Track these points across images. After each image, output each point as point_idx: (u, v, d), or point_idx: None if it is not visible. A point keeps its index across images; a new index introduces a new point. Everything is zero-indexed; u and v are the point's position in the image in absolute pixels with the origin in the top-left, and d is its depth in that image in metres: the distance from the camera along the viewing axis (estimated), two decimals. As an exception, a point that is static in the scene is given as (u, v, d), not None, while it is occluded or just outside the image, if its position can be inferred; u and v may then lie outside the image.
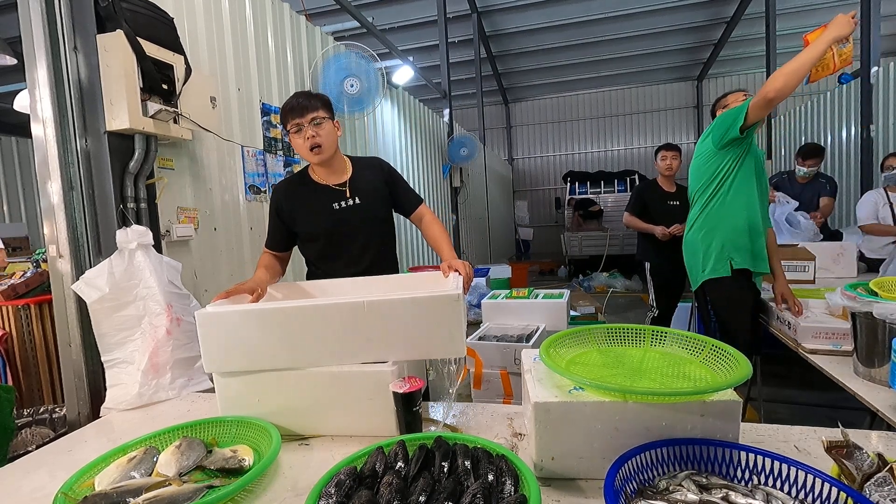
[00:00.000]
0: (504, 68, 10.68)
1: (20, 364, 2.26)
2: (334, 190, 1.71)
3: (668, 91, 11.67)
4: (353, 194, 1.72)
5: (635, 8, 8.21)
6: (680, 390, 0.91)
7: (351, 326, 1.16)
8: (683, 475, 0.82)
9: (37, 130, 1.62)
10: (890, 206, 3.44)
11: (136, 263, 1.64)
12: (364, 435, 1.17)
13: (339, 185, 1.72)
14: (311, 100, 1.62)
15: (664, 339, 1.16)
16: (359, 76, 3.35)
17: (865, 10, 4.82)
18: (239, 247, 2.45)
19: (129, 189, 1.74)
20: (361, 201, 1.72)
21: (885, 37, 7.68)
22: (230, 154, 2.43)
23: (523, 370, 1.10)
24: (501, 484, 0.83)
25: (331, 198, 1.71)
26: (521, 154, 12.84)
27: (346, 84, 3.31)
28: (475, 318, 4.16)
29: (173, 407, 1.53)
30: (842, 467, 0.77)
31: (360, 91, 3.38)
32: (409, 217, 1.84)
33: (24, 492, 1.05)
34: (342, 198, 1.71)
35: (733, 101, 2.14)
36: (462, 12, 7.90)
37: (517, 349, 2.27)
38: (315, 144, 1.60)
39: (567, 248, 9.08)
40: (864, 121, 4.96)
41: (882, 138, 5.13)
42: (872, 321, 1.37)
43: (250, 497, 0.95)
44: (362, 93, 3.40)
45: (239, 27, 2.54)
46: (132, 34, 1.65)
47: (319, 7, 6.57)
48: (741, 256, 2.08)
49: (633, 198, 3.72)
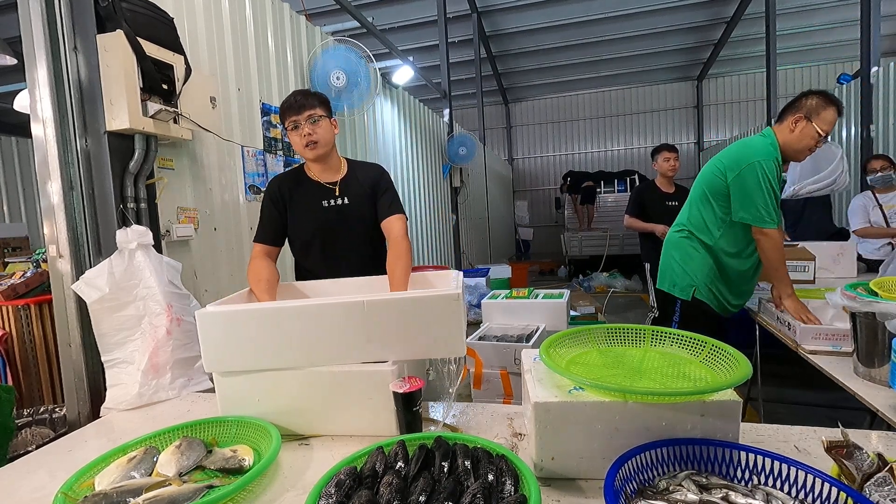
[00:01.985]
0: (504, 68, 10.68)
1: (20, 364, 2.26)
2: (325, 188, 1.72)
3: (668, 91, 11.67)
4: (343, 194, 1.72)
5: (635, 8, 8.22)
6: (680, 390, 0.91)
7: (351, 326, 1.16)
8: (683, 475, 0.82)
9: (37, 130, 1.62)
10: (880, 208, 3.46)
11: (136, 263, 1.64)
12: (364, 435, 1.17)
13: (330, 183, 1.72)
14: (308, 98, 1.63)
15: (664, 339, 1.16)
16: (344, 69, 3.31)
17: (865, 10, 4.82)
18: (239, 247, 2.45)
19: (129, 189, 1.74)
20: (350, 202, 1.71)
21: (885, 37, 7.68)
22: (230, 154, 2.43)
23: (523, 370, 1.10)
24: (501, 484, 0.83)
25: (321, 195, 1.71)
26: (521, 154, 12.84)
27: (332, 77, 3.29)
28: (475, 318, 4.17)
29: (173, 407, 1.53)
30: (842, 467, 0.77)
31: (347, 83, 3.34)
32: (381, 224, 1.72)
33: (24, 492, 1.05)
34: (332, 196, 1.71)
35: (824, 122, 1.84)
36: (462, 12, 7.90)
37: (517, 349, 2.27)
38: (311, 141, 1.62)
39: (567, 248, 9.07)
40: (864, 121, 4.97)
41: (882, 138, 5.13)
42: (872, 321, 1.37)
43: (250, 497, 0.95)
44: (350, 85, 3.36)
45: (239, 27, 2.54)
46: (132, 34, 1.65)
47: (319, 7, 6.57)
48: (707, 296, 2.05)
49: (633, 200, 3.72)
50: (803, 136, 1.86)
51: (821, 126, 1.83)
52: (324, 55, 3.30)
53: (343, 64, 3.32)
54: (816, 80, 10.07)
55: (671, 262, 2.18)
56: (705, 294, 2.06)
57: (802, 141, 1.87)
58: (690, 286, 2.07)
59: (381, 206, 1.73)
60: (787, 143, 1.89)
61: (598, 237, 8.83)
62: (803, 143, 1.87)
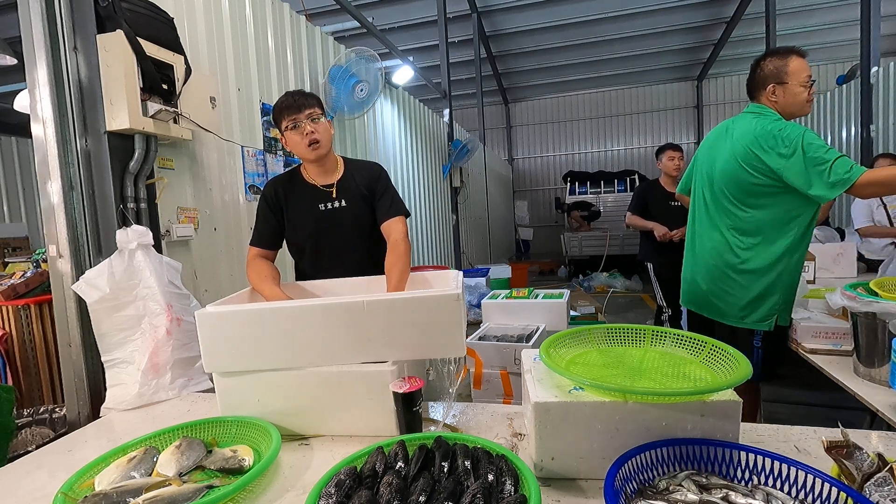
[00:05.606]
0: (504, 68, 10.68)
1: (20, 364, 2.26)
2: (321, 190, 1.69)
3: (668, 91, 11.68)
4: (340, 196, 1.69)
5: (635, 8, 8.22)
6: (680, 390, 0.91)
7: (351, 326, 1.16)
8: (683, 475, 0.82)
9: (37, 130, 1.62)
10: (884, 207, 3.45)
11: (136, 263, 1.64)
12: (364, 435, 1.17)
13: (326, 185, 1.70)
14: (306, 97, 1.62)
15: (664, 339, 1.16)
16: (368, 80, 3.41)
17: (865, 10, 4.82)
18: (239, 247, 2.45)
19: (129, 189, 1.74)
20: (346, 204, 1.69)
21: (885, 37, 7.68)
22: (230, 154, 2.43)
23: (523, 370, 1.10)
24: (501, 484, 0.83)
25: (317, 198, 1.69)
26: (521, 154, 12.84)
27: (357, 89, 3.36)
28: (475, 318, 4.17)
29: (173, 407, 1.53)
30: (842, 467, 0.77)
31: (368, 92, 3.42)
32: (381, 227, 1.69)
33: (24, 492, 1.05)
34: (328, 199, 1.69)
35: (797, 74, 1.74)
36: (462, 12, 7.90)
37: (517, 349, 2.27)
38: (313, 140, 1.59)
39: (567, 248, 9.08)
40: (864, 121, 4.97)
41: (882, 138, 5.13)
42: (872, 321, 1.37)
43: (250, 497, 0.95)
44: (370, 93, 3.44)
45: (239, 27, 2.54)
46: (132, 34, 1.65)
47: (319, 7, 6.58)
48: (786, 315, 1.81)
49: (635, 198, 3.72)
50: (789, 97, 1.77)
51: (797, 79, 1.75)
52: (347, 67, 3.34)
53: (364, 75, 3.41)
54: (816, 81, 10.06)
55: (737, 289, 1.85)
56: (786, 315, 1.82)
57: (793, 101, 1.77)
58: (775, 315, 1.80)
59: (380, 209, 1.70)
60: (782, 110, 1.80)
61: (598, 237, 8.84)
62: (796, 101, 1.77)
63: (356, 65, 3.36)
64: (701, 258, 1.99)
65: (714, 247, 1.91)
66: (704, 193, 1.98)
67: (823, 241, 3.22)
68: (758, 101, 1.86)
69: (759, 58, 1.86)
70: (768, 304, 1.79)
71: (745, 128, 1.80)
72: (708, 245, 1.95)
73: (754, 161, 1.73)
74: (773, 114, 1.79)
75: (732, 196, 1.82)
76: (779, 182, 1.70)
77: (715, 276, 1.91)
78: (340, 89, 3.32)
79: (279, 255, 1.79)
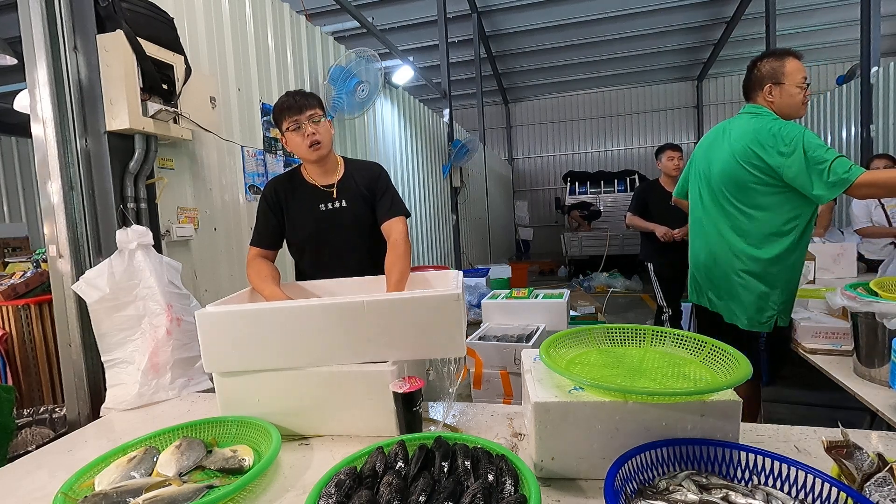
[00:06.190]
0: (504, 68, 10.68)
1: (20, 364, 2.26)
2: (322, 191, 1.69)
3: (668, 91, 11.68)
4: (340, 196, 1.69)
5: (635, 8, 8.22)
6: (680, 390, 0.91)
7: (351, 326, 1.16)
8: (683, 475, 0.82)
9: (37, 130, 1.62)
10: (882, 208, 3.45)
11: (136, 263, 1.64)
12: (364, 435, 1.17)
13: (326, 186, 1.69)
14: (307, 98, 1.61)
15: (664, 339, 1.16)
16: (368, 81, 3.42)
17: (865, 10, 4.82)
18: (239, 247, 2.45)
19: (129, 189, 1.74)
20: (347, 204, 1.68)
21: (885, 37, 7.68)
22: (230, 154, 2.43)
23: (523, 370, 1.10)
24: (501, 484, 0.83)
25: (317, 198, 1.69)
26: (521, 154, 12.84)
27: (358, 89, 3.37)
28: (475, 318, 4.17)
29: (173, 407, 1.53)
30: (842, 467, 0.77)
31: (368, 92, 3.44)
32: (381, 227, 1.68)
33: (24, 492, 1.05)
34: (328, 199, 1.68)
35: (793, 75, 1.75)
36: (462, 12, 7.90)
37: (517, 349, 2.27)
38: (315, 141, 1.59)
39: (567, 248, 9.08)
40: (864, 121, 4.97)
41: (882, 138, 5.13)
42: (872, 321, 1.37)
43: (250, 497, 0.95)
44: (370, 93, 3.45)
45: (239, 27, 2.54)
46: (132, 34, 1.65)
47: (319, 7, 6.58)
48: (787, 315, 1.81)
49: (636, 198, 3.72)
50: (786, 97, 1.77)
51: (793, 80, 1.75)
52: (348, 68, 3.34)
53: (365, 75, 3.41)
54: (816, 81, 10.05)
55: (740, 290, 1.84)
56: (787, 316, 1.83)
57: (789, 101, 1.78)
58: (775, 316, 1.79)
59: (380, 209, 1.69)
60: (778, 111, 1.80)
61: (598, 237, 8.84)
62: (793, 102, 1.78)
63: (357, 65, 3.36)
64: (702, 259, 2.00)
65: (714, 248, 1.91)
66: (703, 195, 1.98)
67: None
68: (754, 101, 1.86)
69: (755, 59, 1.87)
70: (768, 304, 1.78)
71: (744, 127, 1.80)
72: (708, 246, 1.95)
73: (754, 160, 1.72)
74: (771, 114, 1.79)
75: (732, 197, 1.82)
76: (778, 182, 1.69)
77: (715, 277, 1.92)
78: (341, 90, 3.33)
79: (279, 255, 1.79)
